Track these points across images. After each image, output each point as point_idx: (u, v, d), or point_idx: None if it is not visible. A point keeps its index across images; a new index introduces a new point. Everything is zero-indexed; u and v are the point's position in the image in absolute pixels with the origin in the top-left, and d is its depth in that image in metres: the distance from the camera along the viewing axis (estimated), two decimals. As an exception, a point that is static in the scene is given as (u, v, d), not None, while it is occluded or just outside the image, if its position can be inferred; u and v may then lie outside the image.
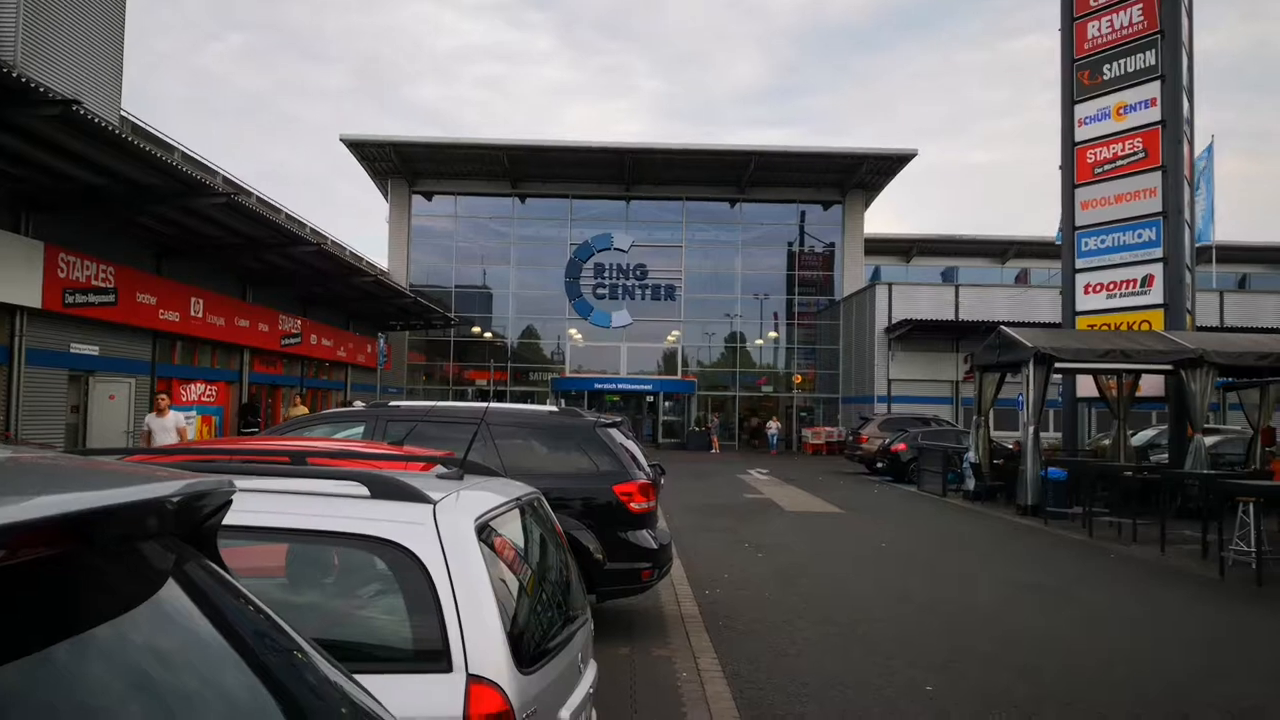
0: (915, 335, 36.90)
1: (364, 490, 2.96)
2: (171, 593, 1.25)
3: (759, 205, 46.55)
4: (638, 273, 46.21)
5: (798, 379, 46.84)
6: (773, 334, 47.16)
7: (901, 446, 25.76)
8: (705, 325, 46.44)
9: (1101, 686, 6.60)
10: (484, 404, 6.19)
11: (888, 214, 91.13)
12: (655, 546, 7.78)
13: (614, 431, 8.17)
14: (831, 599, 9.58)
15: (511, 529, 3.35)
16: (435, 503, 2.90)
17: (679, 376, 45.63)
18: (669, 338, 46.15)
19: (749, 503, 19.45)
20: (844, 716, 5.90)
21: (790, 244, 47.38)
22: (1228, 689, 6.61)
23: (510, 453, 7.42)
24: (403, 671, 2.69)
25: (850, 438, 31.74)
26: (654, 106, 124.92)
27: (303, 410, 25.64)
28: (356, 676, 1.57)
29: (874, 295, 39.31)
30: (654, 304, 46.14)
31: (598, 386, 44.24)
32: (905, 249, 54.09)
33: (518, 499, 3.51)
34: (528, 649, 2.94)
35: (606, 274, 46.19)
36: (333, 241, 37.03)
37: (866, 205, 46.84)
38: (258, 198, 31.52)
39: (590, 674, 3.55)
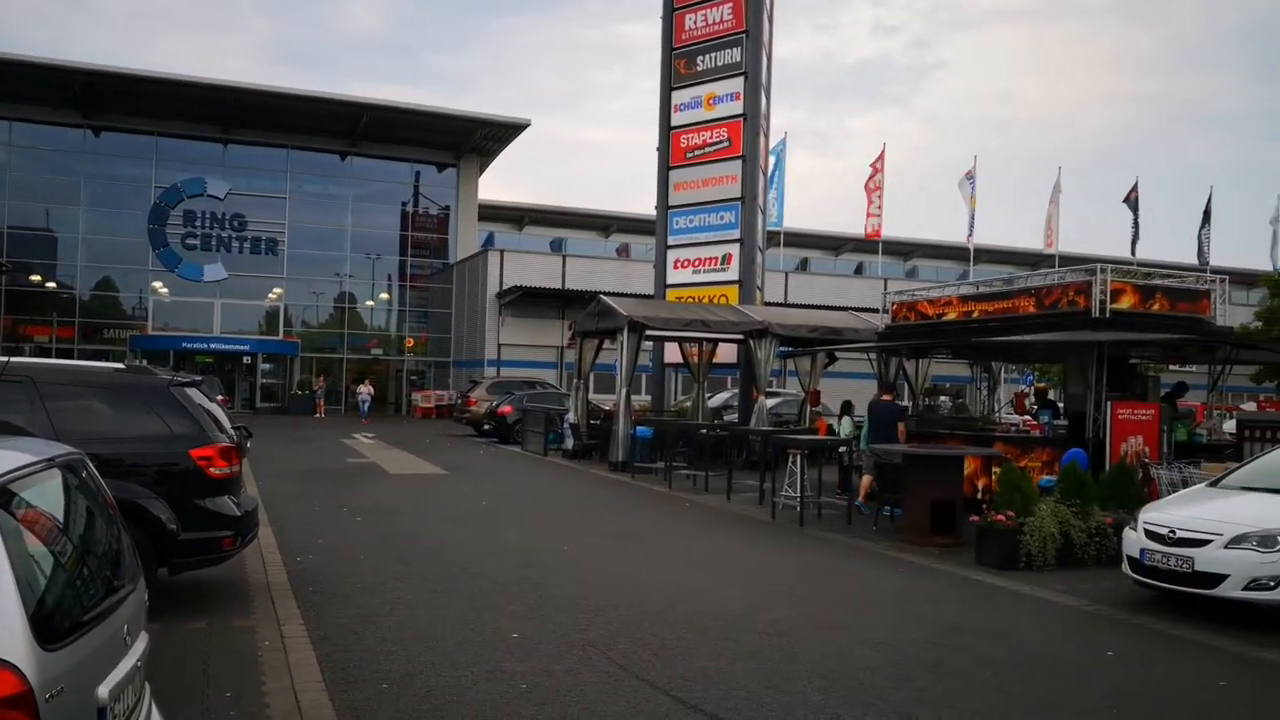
0: (525, 301, 37.96)
1: None
2: None
3: (372, 161, 45.08)
4: (235, 223, 42.93)
5: (409, 342, 46.29)
6: (384, 295, 46.20)
7: (508, 409, 26.47)
8: (312, 284, 44.37)
9: (667, 620, 7.31)
10: (3, 359, 5.43)
11: (503, 181, 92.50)
12: (238, 513, 7.39)
13: (192, 392, 7.62)
14: (429, 558, 9.69)
15: (44, 493, 3.04)
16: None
17: (280, 337, 43.17)
18: (270, 295, 43.44)
19: (352, 467, 19.02)
20: (433, 668, 6.02)
21: (404, 204, 46.52)
22: (771, 615, 7.60)
23: (65, 415, 6.68)
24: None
25: (459, 401, 32.01)
26: (263, 47, 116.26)
27: None
28: None
29: (487, 261, 39.83)
30: (254, 258, 43.21)
31: (186, 346, 40.35)
32: (518, 217, 55.24)
33: (51, 460, 3.19)
34: (60, 624, 2.70)
35: (199, 223, 42.39)
36: None
37: (481, 170, 47.18)
38: None
39: (140, 646, 3.32)
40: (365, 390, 38.53)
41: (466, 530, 11.58)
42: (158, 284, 41.67)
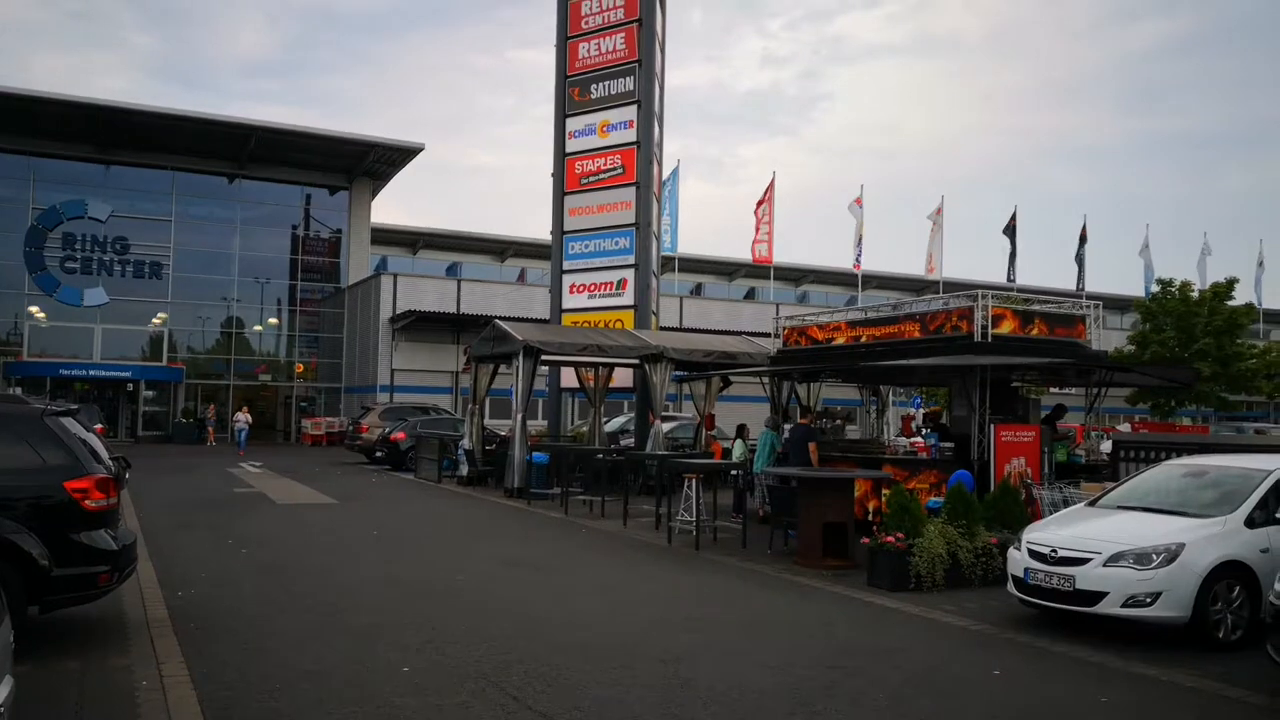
0: (419, 326, 37.42)
1: None
2: None
3: (261, 184, 43.93)
4: (118, 246, 41.21)
5: (299, 368, 45.08)
6: (273, 320, 44.93)
7: (401, 435, 25.97)
8: (198, 308, 42.93)
9: (562, 649, 7.22)
10: None
11: (397, 205, 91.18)
12: (115, 548, 7.06)
13: (67, 421, 7.26)
14: (317, 590, 9.38)
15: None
16: None
17: (164, 363, 41.50)
18: (154, 320, 41.83)
19: (237, 497, 18.35)
20: (320, 705, 5.81)
21: (295, 227, 45.42)
22: (667, 641, 7.59)
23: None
24: None
25: (351, 428, 31.30)
26: (144, 65, 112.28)
27: None
28: None
29: (379, 285, 39.12)
30: (137, 282, 41.52)
31: (64, 373, 38.65)
32: (412, 241, 54.49)
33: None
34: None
35: (79, 245, 40.54)
36: None
37: (374, 194, 46.46)
38: None
39: (3, 691, 3.12)
40: (243, 419, 35.29)
41: (357, 561, 11.27)
42: (34, 308, 39.69)
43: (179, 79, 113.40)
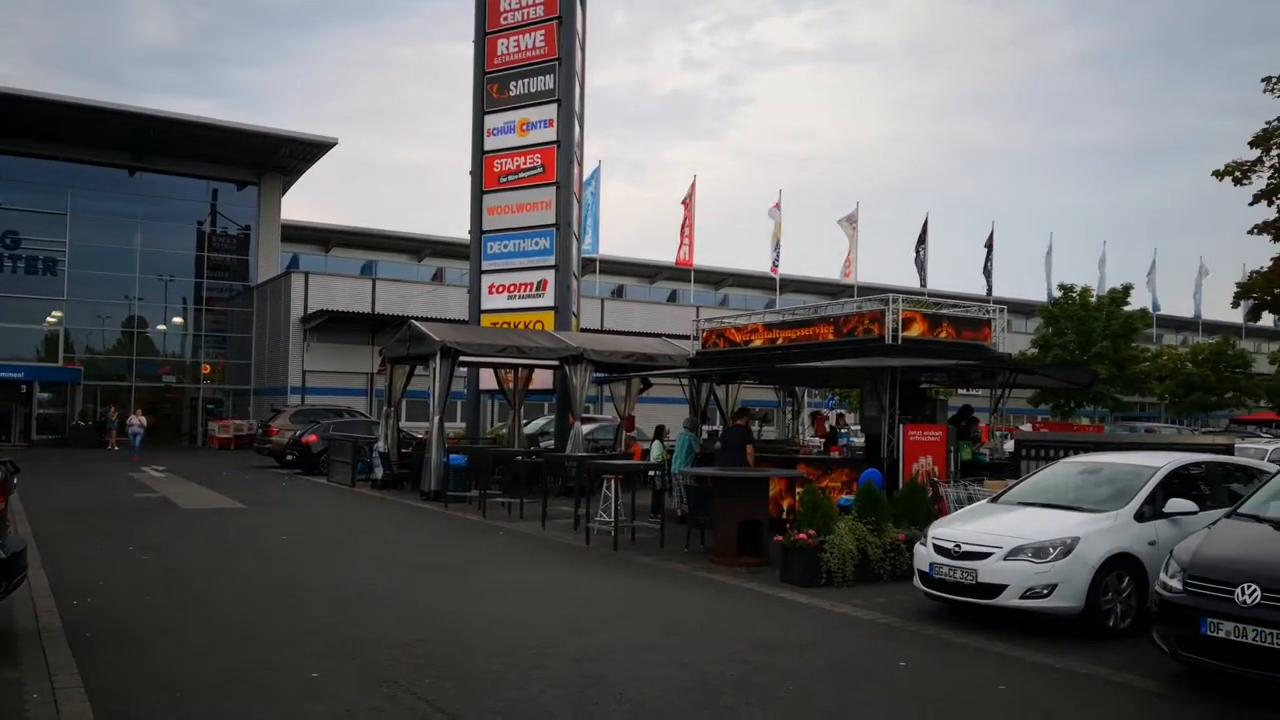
0: (332, 326, 36.70)
1: None
2: None
3: (165, 178, 42.57)
4: (8, 241, 39.60)
5: (206, 369, 43.85)
6: (179, 319, 43.61)
7: (313, 438, 25.45)
8: (97, 307, 41.41)
9: (477, 652, 7.17)
10: None
11: (310, 201, 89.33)
12: (4, 556, 6.77)
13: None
14: (224, 597, 9.15)
15: None
16: None
17: (60, 364, 39.91)
18: (49, 319, 40.21)
19: (139, 502, 17.77)
20: (225, 715, 5.67)
21: (201, 223, 44.13)
22: (582, 641, 7.59)
23: None
24: None
25: (261, 430, 30.56)
26: (38, 52, 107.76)
27: None
28: None
29: (290, 284, 38.26)
30: (29, 279, 39.89)
31: (-51, 374, 36.97)
32: (325, 239, 53.40)
33: None
34: None
35: (-36, 240, 38.75)
36: None
37: (285, 190, 45.46)
38: None
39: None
40: (137, 421, 32.60)
41: (265, 566, 11.01)
42: (-89, 306, 37.78)
43: (78, 68, 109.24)
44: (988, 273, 46.20)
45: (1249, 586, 6.12)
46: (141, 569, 10.64)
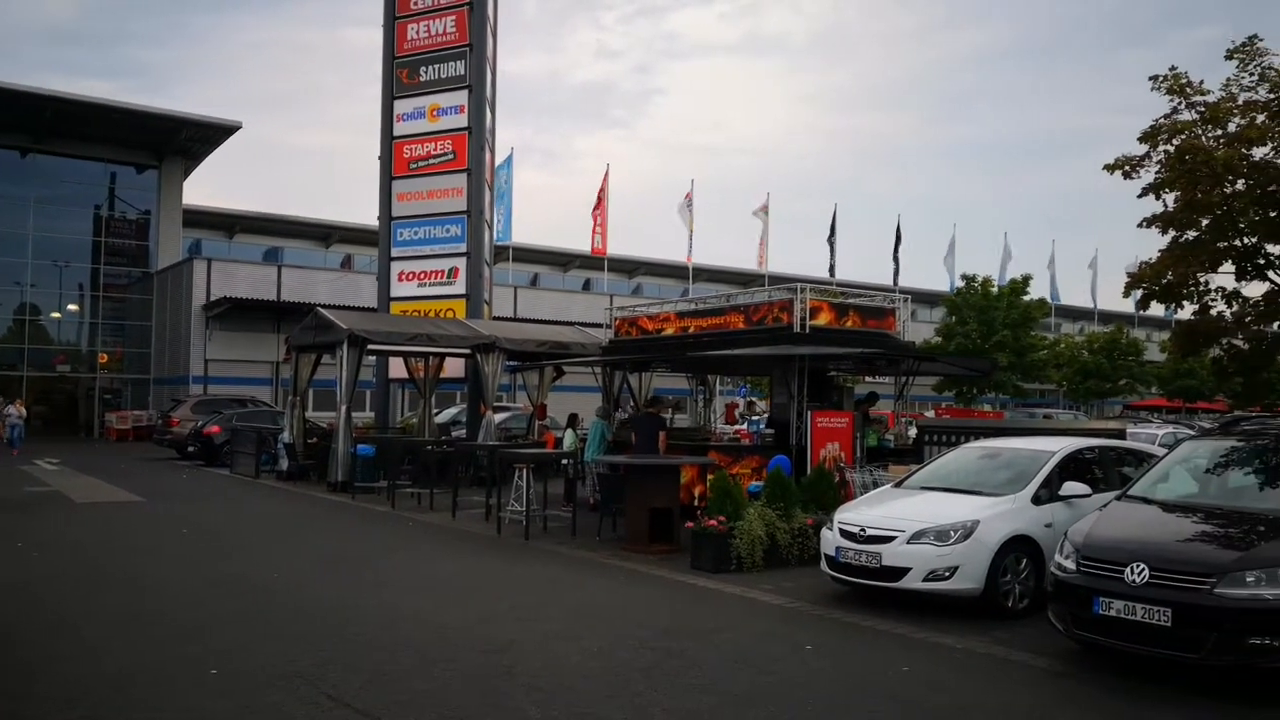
0: (235, 314, 35.66)
1: None
2: None
3: (60, 160, 40.73)
4: (-115, 223, 37.43)
5: (103, 358, 42.20)
6: (74, 306, 41.87)
7: (215, 429, 24.73)
8: (-14, 293, 39.46)
9: (383, 645, 7.05)
10: None
11: (214, 186, 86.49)
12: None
13: None
14: (121, 594, 8.82)
15: None
16: None
17: (-57, 352, 38.02)
18: (-69, 305, 38.25)
19: (31, 497, 17.04)
20: (122, 713, 5.49)
21: (98, 207, 42.36)
22: (491, 632, 7.53)
23: None
24: None
25: (160, 421, 29.56)
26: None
27: None
28: None
29: (192, 270, 37.05)
30: (-91, 263, 37.82)
31: None
32: (229, 224, 51.75)
33: None
34: None
35: None
36: None
37: (187, 174, 43.93)
38: None
39: None
40: (15, 412, 29.56)
41: (165, 561, 10.65)
42: None
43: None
44: (895, 259, 47.22)
45: (1138, 566, 6.36)
46: (32, 566, 10.19)
